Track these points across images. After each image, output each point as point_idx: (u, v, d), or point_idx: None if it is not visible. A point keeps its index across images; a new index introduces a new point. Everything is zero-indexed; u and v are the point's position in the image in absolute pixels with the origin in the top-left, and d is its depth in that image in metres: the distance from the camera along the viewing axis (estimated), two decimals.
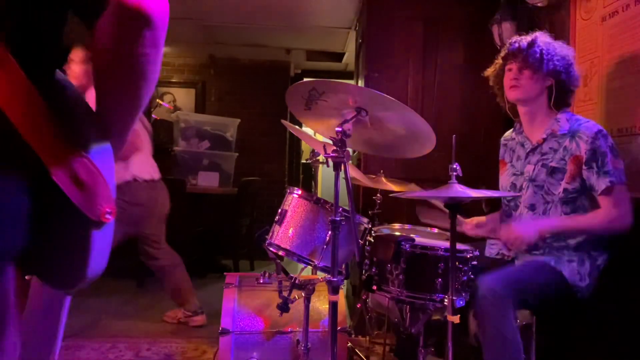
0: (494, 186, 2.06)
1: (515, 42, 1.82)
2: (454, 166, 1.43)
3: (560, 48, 1.78)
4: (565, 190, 1.73)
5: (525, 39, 1.80)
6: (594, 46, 2.16)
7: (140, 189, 2.79)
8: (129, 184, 2.72)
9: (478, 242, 1.99)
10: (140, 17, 0.72)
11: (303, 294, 1.69)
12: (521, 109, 1.88)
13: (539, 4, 2.50)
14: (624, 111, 1.97)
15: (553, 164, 1.77)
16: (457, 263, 1.53)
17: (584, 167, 1.69)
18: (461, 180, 1.44)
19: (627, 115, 1.94)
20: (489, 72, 1.94)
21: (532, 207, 1.82)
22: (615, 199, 1.66)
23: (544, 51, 1.74)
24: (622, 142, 1.92)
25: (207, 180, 4.85)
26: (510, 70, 1.82)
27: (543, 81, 1.77)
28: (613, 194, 1.65)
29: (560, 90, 1.78)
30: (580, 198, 1.73)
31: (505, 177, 1.96)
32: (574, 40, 2.29)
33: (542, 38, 1.79)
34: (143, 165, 2.82)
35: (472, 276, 1.59)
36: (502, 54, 1.88)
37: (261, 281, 1.96)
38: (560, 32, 2.42)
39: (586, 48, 2.21)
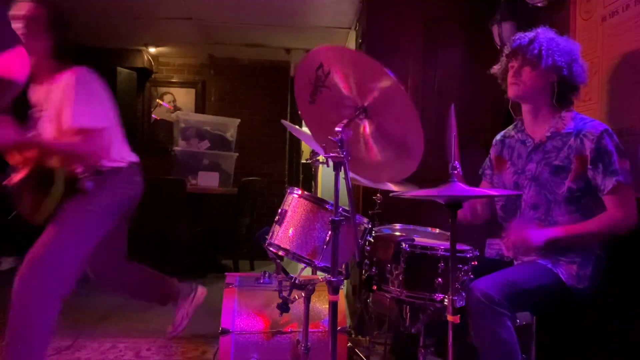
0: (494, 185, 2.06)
1: (517, 39, 1.81)
2: (455, 165, 1.43)
3: (564, 43, 1.75)
4: (569, 189, 1.72)
5: (527, 36, 1.79)
6: (594, 46, 2.16)
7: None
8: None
9: (478, 242, 1.99)
10: None
11: (303, 294, 1.69)
12: (524, 107, 1.87)
13: (539, 4, 2.50)
14: (624, 111, 1.97)
15: (557, 163, 1.75)
16: (457, 263, 1.53)
17: (589, 166, 1.68)
18: (462, 179, 1.44)
19: (627, 115, 1.94)
20: (495, 69, 1.92)
21: (534, 207, 1.80)
22: (621, 199, 1.64)
23: (543, 47, 1.72)
24: (622, 142, 1.92)
25: (207, 180, 4.85)
26: (512, 67, 1.81)
27: (544, 78, 1.75)
28: (620, 193, 1.64)
29: (563, 87, 1.75)
30: (585, 198, 1.72)
31: (508, 175, 1.94)
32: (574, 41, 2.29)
33: (545, 34, 1.77)
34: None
35: (472, 276, 1.59)
36: (506, 51, 1.86)
37: (261, 281, 1.96)
38: (560, 32, 2.41)
39: (586, 48, 2.20)
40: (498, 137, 2.04)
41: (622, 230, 1.66)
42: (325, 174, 3.30)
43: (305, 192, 1.62)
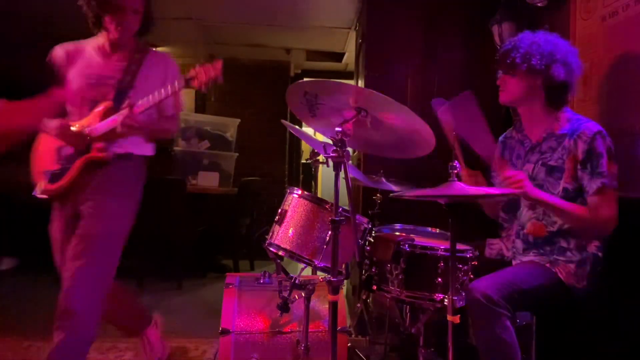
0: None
1: (502, 47, 1.85)
2: (454, 164, 1.43)
3: (545, 45, 1.74)
4: (565, 189, 1.73)
5: (509, 43, 1.81)
6: (594, 46, 2.15)
7: None
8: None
9: (478, 242, 1.99)
10: None
11: (303, 294, 1.69)
12: (519, 109, 1.89)
13: (538, 4, 2.50)
14: (624, 111, 1.97)
15: (552, 163, 1.76)
16: (457, 263, 1.53)
17: (578, 167, 1.69)
18: (461, 179, 1.44)
19: (627, 115, 1.94)
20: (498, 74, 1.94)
21: (532, 206, 1.82)
22: (605, 202, 1.64)
23: (519, 53, 1.74)
24: (622, 142, 1.92)
25: (207, 180, 4.85)
26: (499, 75, 1.85)
27: (525, 83, 1.77)
28: (603, 196, 1.64)
29: (550, 88, 1.76)
30: (580, 198, 1.73)
31: None
32: (574, 40, 2.29)
33: (525, 38, 1.78)
34: None
35: (472, 276, 1.59)
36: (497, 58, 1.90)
37: (261, 281, 1.96)
38: (560, 32, 2.41)
39: (586, 48, 2.21)
40: (501, 138, 2.06)
41: (600, 232, 1.67)
42: (325, 174, 3.31)
43: (305, 192, 1.63)
